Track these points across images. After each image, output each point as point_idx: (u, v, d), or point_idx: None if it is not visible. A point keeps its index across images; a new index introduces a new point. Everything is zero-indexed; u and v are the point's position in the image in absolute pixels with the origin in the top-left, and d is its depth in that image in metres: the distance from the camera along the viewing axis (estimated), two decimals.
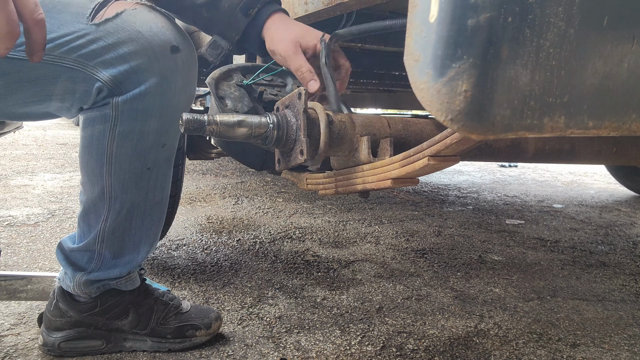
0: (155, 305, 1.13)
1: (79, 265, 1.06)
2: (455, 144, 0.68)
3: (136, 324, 1.11)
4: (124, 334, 1.11)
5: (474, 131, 0.44)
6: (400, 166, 0.81)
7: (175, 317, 1.13)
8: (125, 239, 1.04)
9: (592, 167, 4.67)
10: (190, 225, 2.17)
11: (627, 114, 0.53)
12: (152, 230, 1.08)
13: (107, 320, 1.09)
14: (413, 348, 1.20)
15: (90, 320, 1.09)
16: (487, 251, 1.99)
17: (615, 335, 1.32)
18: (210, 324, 1.15)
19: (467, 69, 0.42)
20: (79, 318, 1.08)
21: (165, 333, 1.12)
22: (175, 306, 1.15)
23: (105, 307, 1.09)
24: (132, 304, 1.11)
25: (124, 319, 1.10)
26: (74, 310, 1.08)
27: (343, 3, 1.04)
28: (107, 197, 0.99)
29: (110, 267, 1.05)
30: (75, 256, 1.06)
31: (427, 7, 0.43)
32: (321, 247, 1.94)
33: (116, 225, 1.02)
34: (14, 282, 1.21)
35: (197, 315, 1.15)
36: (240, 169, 3.80)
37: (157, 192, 1.04)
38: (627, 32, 0.50)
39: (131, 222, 1.03)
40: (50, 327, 1.09)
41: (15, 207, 2.36)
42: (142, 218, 1.04)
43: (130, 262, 1.06)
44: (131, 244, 1.05)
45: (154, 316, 1.12)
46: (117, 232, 1.03)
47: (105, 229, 1.02)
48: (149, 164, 0.99)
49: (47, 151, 4.42)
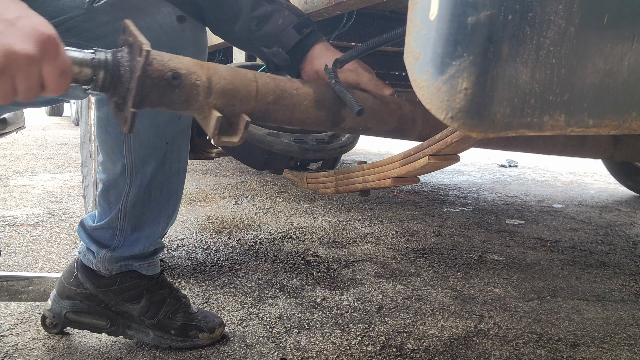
0: (168, 298, 1.14)
1: (103, 242, 1.08)
2: (455, 142, 0.68)
3: (146, 311, 1.12)
4: (130, 321, 1.12)
5: (474, 129, 0.44)
6: (401, 165, 0.81)
7: (183, 314, 1.14)
8: (145, 211, 1.06)
9: (592, 167, 4.67)
10: (190, 225, 2.17)
11: (627, 113, 0.53)
12: (171, 202, 1.09)
13: (120, 300, 1.11)
14: (413, 348, 1.19)
15: (105, 296, 1.10)
16: (487, 251, 1.99)
17: (615, 335, 1.31)
18: (214, 329, 1.16)
19: (467, 66, 0.42)
20: (94, 292, 1.10)
21: (170, 328, 1.13)
22: (186, 304, 1.17)
23: (122, 287, 1.10)
24: (147, 289, 1.12)
25: (137, 303, 1.11)
26: (92, 283, 1.10)
27: (343, 2, 1.04)
28: (129, 173, 1.02)
29: (133, 243, 1.08)
30: (97, 234, 1.08)
31: (427, 4, 0.43)
32: (321, 247, 1.94)
33: (137, 200, 1.04)
34: (16, 282, 1.21)
35: (202, 318, 1.16)
36: (240, 169, 3.79)
37: (174, 164, 1.06)
38: (627, 31, 0.50)
39: (150, 195, 1.05)
40: (62, 295, 1.10)
41: (15, 207, 2.36)
42: (161, 190, 1.06)
43: (151, 236, 1.09)
44: (151, 217, 1.08)
45: (164, 308, 1.13)
46: (137, 205, 1.05)
47: (127, 205, 1.04)
48: (167, 137, 1.01)
49: (47, 151, 4.42)
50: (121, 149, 0.99)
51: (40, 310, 1.27)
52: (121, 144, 0.99)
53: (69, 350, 1.12)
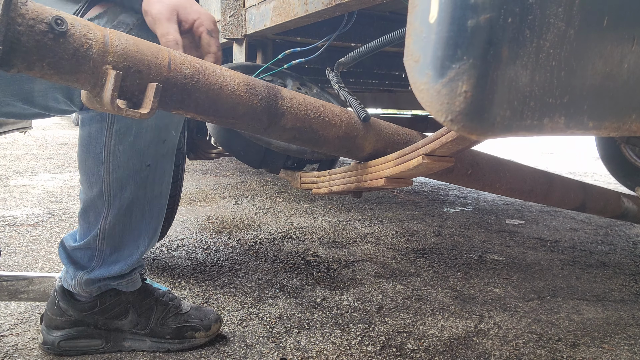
0: (155, 306, 1.13)
1: (81, 264, 1.06)
2: (450, 142, 0.68)
3: (135, 324, 1.11)
4: (124, 334, 1.11)
5: (473, 132, 0.44)
6: (395, 164, 0.80)
7: (175, 317, 1.13)
8: (125, 234, 1.04)
9: (593, 167, 4.67)
10: (190, 225, 2.17)
11: (627, 115, 0.53)
12: (152, 224, 1.08)
13: (107, 319, 1.10)
14: (413, 348, 1.20)
15: (90, 319, 1.09)
16: (487, 251, 1.99)
17: (615, 335, 1.32)
18: (210, 326, 1.15)
19: (467, 69, 0.43)
20: (79, 317, 1.08)
21: (164, 333, 1.12)
22: (175, 306, 1.15)
23: (105, 307, 1.09)
24: (131, 303, 1.11)
25: (124, 318, 1.10)
26: (74, 309, 1.08)
27: (343, 3, 1.04)
28: (106, 196, 0.99)
29: (111, 264, 1.05)
30: (76, 254, 1.06)
31: (427, 7, 0.43)
32: (321, 247, 1.94)
33: (116, 222, 1.02)
34: (16, 282, 1.21)
35: (196, 317, 1.15)
36: (240, 169, 3.79)
37: (156, 187, 1.04)
38: (627, 33, 0.50)
39: (131, 217, 1.03)
40: (51, 326, 1.09)
41: (15, 207, 2.36)
42: (142, 212, 1.04)
43: (130, 257, 1.06)
44: (131, 239, 1.05)
45: (153, 316, 1.12)
46: (117, 227, 1.03)
47: (106, 227, 1.02)
48: (149, 160, 0.99)
49: (47, 151, 4.42)
50: (100, 170, 0.97)
51: (40, 310, 1.28)
52: (100, 165, 0.96)
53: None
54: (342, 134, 0.82)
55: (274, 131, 0.78)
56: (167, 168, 1.06)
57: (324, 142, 0.82)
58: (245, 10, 1.55)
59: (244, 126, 0.76)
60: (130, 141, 0.95)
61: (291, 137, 0.80)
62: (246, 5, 1.55)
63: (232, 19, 1.60)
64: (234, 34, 1.60)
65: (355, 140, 0.84)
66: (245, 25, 1.57)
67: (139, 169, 0.99)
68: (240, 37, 1.60)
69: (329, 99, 1.26)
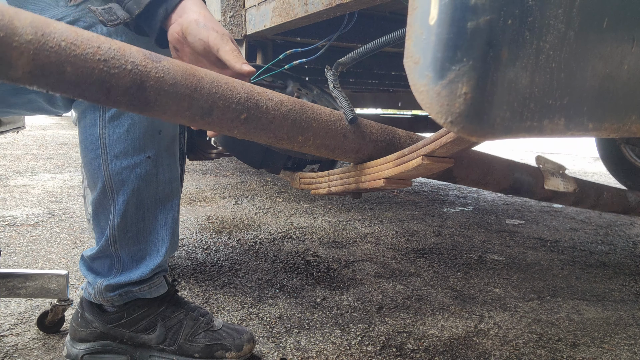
0: (184, 320, 1.07)
1: (102, 273, 1.03)
2: (450, 143, 0.68)
3: (163, 339, 1.05)
4: (150, 350, 1.06)
5: (473, 133, 0.44)
6: (394, 165, 0.80)
7: (205, 334, 1.07)
8: (140, 238, 1.01)
9: (593, 167, 4.67)
10: (190, 225, 2.17)
11: (627, 116, 0.53)
12: (168, 226, 1.04)
13: (133, 333, 1.05)
14: (413, 348, 1.20)
15: (116, 332, 1.05)
16: (487, 251, 1.99)
17: (615, 335, 1.32)
18: (242, 346, 1.07)
19: (466, 71, 0.43)
20: (105, 329, 1.05)
21: (193, 351, 1.06)
22: (206, 322, 1.09)
23: (131, 319, 1.05)
24: (160, 316, 1.06)
25: (151, 332, 1.05)
26: (100, 321, 1.05)
27: (343, 4, 1.04)
28: (109, 191, 0.97)
29: (131, 270, 1.02)
30: (96, 265, 1.04)
31: (427, 9, 0.44)
32: (321, 247, 1.94)
33: (127, 224, 0.99)
34: (12, 279, 1.21)
35: (228, 335, 1.08)
36: (240, 169, 3.80)
37: (161, 185, 1.01)
38: (626, 34, 0.50)
39: (143, 219, 1.01)
40: (75, 338, 1.05)
41: (15, 207, 2.36)
42: (154, 214, 1.02)
43: (150, 262, 1.03)
44: (148, 244, 1.02)
45: (182, 332, 1.06)
46: (130, 231, 1.00)
47: (115, 227, 0.99)
48: (148, 152, 0.97)
49: (47, 151, 4.42)
50: (99, 163, 0.95)
51: (40, 310, 1.28)
52: (98, 157, 0.95)
53: None
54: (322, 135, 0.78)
55: (207, 127, 0.72)
56: (172, 164, 1.02)
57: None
58: (245, 11, 1.56)
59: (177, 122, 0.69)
60: (125, 128, 0.93)
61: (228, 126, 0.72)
62: (246, 5, 1.55)
63: (232, 20, 1.60)
64: (234, 34, 1.60)
65: (341, 143, 0.81)
66: (245, 25, 1.57)
67: (137, 160, 0.96)
68: (240, 38, 1.60)
69: (329, 100, 1.26)
